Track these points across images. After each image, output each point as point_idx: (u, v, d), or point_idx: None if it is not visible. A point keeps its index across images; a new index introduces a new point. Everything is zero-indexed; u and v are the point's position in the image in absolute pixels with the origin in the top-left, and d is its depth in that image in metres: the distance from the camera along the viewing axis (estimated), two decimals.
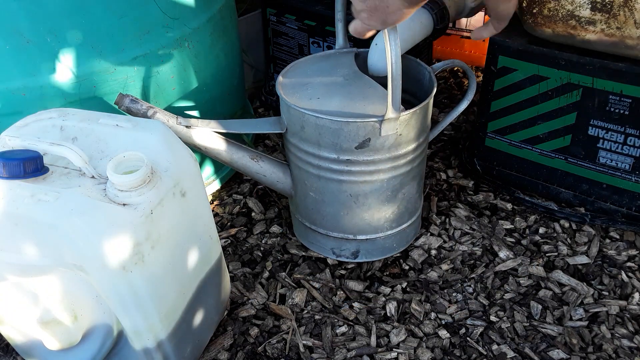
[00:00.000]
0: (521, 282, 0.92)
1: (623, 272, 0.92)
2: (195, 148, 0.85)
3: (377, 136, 0.80)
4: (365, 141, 0.80)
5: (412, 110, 0.80)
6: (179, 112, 0.96)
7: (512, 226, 1.03)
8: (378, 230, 0.92)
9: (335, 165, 0.84)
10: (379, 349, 0.83)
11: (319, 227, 0.94)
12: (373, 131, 0.79)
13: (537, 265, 0.94)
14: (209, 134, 0.86)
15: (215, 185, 1.13)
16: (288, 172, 0.92)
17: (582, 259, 0.95)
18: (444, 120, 0.99)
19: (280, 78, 0.88)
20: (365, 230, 0.92)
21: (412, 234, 0.99)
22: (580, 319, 0.86)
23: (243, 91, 1.18)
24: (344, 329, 0.86)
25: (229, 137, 0.91)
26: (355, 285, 0.93)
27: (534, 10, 0.90)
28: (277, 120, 0.87)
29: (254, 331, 0.86)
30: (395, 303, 0.89)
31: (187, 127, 0.83)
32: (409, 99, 0.97)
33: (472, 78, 0.95)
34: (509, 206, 1.07)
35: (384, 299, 0.90)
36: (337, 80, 0.87)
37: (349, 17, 1.11)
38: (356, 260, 0.96)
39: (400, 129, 0.80)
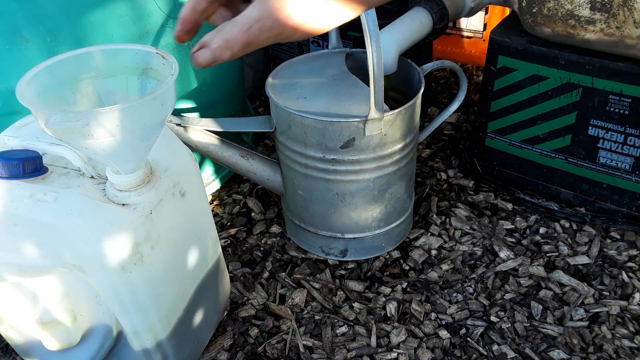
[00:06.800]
0: (522, 282, 0.92)
1: (624, 272, 0.92)
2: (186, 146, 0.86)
3: (362, 136, 0.80)
4: (349, 141, 0.80)
5: (396, 111, 0.80)
6: (179, 112, 0.96)
7: (513, 226, 1.02)
8: (366, 229, 0.93)
9: (321, 164, 0.84)
10: (379, 349, 0.83)
11: (308, 225, 0.95)
12: (357, 131, 0.79)
13: (538, 265, 0.94)
14: (200, 132, 0.86)
15: (215, 185, 1.13)
16: (278, 170, 0.93)
17: (583, 259, 0.95)
18: (434, 120, 1.00)
19: (269, 79, 0.89)
20: (352, 229, 0.92)
21: (401, 234, 0.99)
22: (580, 319, 0.86)
23: (243, 91, 1.18)
24: (344, 329, 0.86)
25: (226, 136, 0.91)
26: (355, 286, 0.93)
27: (534, 10, 0.90)
28: (267, 119, 0.88)
29: (254, 331, 0.86)
30: (395, 303, 0.89)
31: (178, 124, 0.83)
32: (400, 99, 0.97)
33: (462, 79, 0.95)
34: (510, 206, 1.07)
35: (384, 299, 0.90)
36: (325, 81, 0.88)
37: None
38: (345, 259, 0.97)
39: (385, 129, 0.80)
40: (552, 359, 0.81)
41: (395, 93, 0.98)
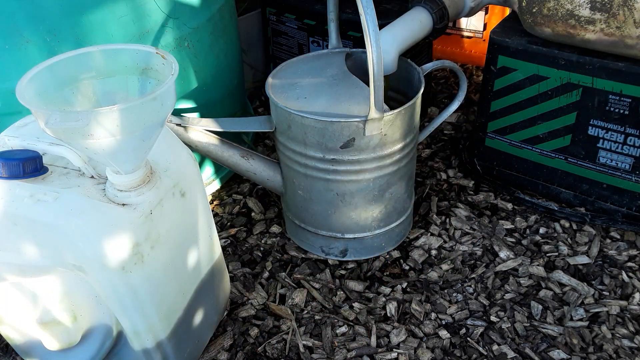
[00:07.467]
0: (522, 282, 0.92)
1: (623, 272, 0.92)
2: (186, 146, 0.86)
3: (362, 136, 0.80)
4: (349, 141, 0.80)
5: (396, 111, 0.80)
6: (179, 112, 0.96)
7: (513, 226, 1.02)
8: (366, 229, 0.93)
9: (321, 164, 0.84)
10: (379, 349, 0.83)
11: (308, 225, 0.95)
12: (357, 131, 0.80)
13: (538, 265, 0.94)
14: (200, 132, 0.86)
15: (215, 185, 1.13)
16: (278, 170, 0.93)
17: (583, 259, 0.95)
18: (434, 121, 1.00)
19: (269, 79, 0.89)
20: (352, 229, 0.92)
21: (401, 234, 0.99)
22: (580, 319, 0.86)
23: (243, 91, 1.18)
24: (344, 329, 0.86)
25: (226, 136, 0.91)
26: (355, 286, 0.93)
27: (534, 10, 0.90)
28: (267, 119, 0.88)
29: (254, 331, 0.86)
30: (395, 303, 0.89)
31: (178, 124, 0.83)
32: (400, 99, 0.97)
33: (462, 79, 0.95)
34: (510, 206, 1.07)
35: (384, 299, 0.90)
36: (325, 81, 0.88)
37: (342, 16, 1.12)
38: (345, 259, 0.97)
39: (385, 129, 0.80)
40: (552, 359, 0.81)
41: (395, 93, 0.98)
